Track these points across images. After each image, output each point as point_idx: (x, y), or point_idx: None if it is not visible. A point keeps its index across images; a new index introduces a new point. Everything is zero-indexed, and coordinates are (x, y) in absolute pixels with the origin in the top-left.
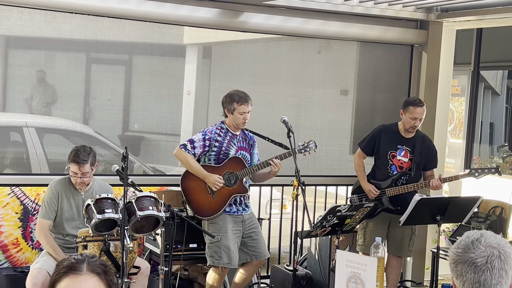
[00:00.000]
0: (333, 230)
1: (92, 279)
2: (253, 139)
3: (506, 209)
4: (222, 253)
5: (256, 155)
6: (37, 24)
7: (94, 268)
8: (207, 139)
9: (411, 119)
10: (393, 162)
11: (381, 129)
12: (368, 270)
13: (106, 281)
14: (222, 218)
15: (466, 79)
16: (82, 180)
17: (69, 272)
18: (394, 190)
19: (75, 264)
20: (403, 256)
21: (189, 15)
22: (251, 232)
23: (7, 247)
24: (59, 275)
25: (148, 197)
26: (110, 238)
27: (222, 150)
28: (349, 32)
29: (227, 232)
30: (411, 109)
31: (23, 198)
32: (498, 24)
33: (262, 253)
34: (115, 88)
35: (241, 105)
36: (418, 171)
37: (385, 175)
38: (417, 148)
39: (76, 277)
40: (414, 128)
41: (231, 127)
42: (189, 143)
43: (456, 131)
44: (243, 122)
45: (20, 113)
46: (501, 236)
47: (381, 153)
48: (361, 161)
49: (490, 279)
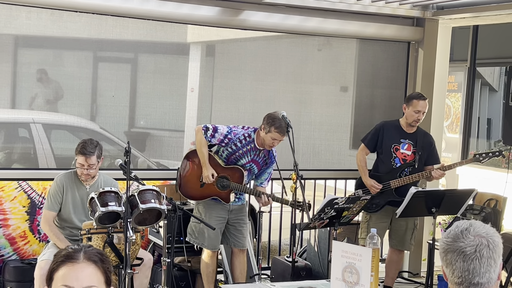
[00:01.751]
0: (331, 222)
1: (89, 267)
2: (272, 159)
3: (501, 202)
4: (200, 234)
5: (267, 173)
6: (45, 23)
7: (90, 257)
8: (228, 138)
9: (415, 112)
10: (397, 155)
11: (383, 124)
12: (363, 260)
13: (103, 268)
14: (209, 203)
15: (462, 76)
16: (88, 172)
17: (67, 260)
18: (399, 181)
19: (72, 253)
20: (405, 250)
21: (191, 13)
22: (236, 223)
23: (15, 240)
24: (56, 264)
25: (151, 191)
26: (114, 230)
27: (235, 154)
28: (347, 30)
29: (210, 217)
30: (414, 102)
31: (30, 192)
32: (493, 21)
33: (241, 243)
34: (121, 85)
35: (277, 134)
36: (420, 165)
37: (388, 168)
38: (419, 143)
39: (73, 265)
40: (417, 122)
41: (258, 141)
42: (211, 130)
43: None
44: (270, 146)
45: (29, 110)
46: (489, 225)
47: (384, 147)
48: (364, 156)
49: (479, 267)
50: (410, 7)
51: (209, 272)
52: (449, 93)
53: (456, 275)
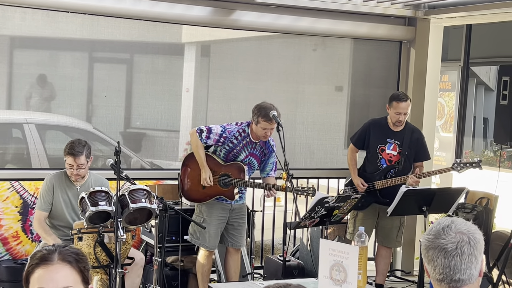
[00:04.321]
0: (322, 221)
1: (64, 268)
2: (270, 149)
3: (492, 200)
4: (201, 234)
5: (271, 164)
6: (39, 24)
7: (65, 257)
8: (223, 137)
9: (396, 114)
10: (382, 156)
11: (370, 123)
12: (350, 258)
13: (79, 268)
14: (210, 203)
15: (456, 75)
16: (78, 172)
17: (41, 263)
18: (383, 182)
19: (46, 255)
20: (391, 247)
21: (183, 14)
22: (235, 222)
23: (7, 240)
24: (31, 266)
25: (141, 190)
26: (104, 230)
27: (234, 151)
28: (339, 29)
29: (211, 217)
30: (394, 104)
31: (23, 192)
32: (484, 20)
33: (238, 243)
34: (116, 86)
35: (265, 122)
36: (406, 164)
37: (375, 169)
38: (405, 141)
39: (47, 267)
40: (400, 123)
41: (253, 134)
42: (206, 131)
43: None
44: (264, 137)
45: (25, 110)
46: (471, 223)
47: (371, 147)
48: (354, 155)
49: (460, 264)
50: (401, 6)
51: (204, 271)
52: (443, 92)
53: (438, 271)
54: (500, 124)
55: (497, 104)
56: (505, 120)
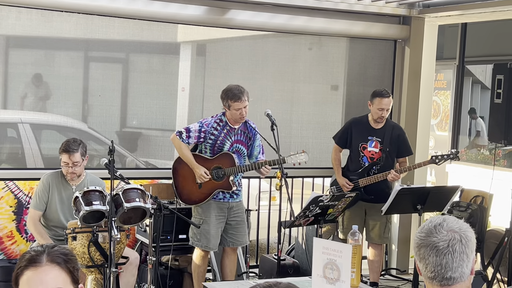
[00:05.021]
0: (316, 219)
1: (52, 270)
2: (253, 132)
3: (487, 198)
4: (202, 236)
5: (257, 147)
6: (35, 24)
7: (53, 258)
8: (202, 131)
9: (378, 110)
10: (364, 154)
11: (352, 122)
12: (343, 257)
13: (68, 269)
14: (207, 203)
15: (451, 73)
16: (73, 170)
17: (30, 265)
18: (366, 180)
19: (35, 256)
20: (379, 243)
21: (177, 13)
22: (233, 220)
23: (2, 240)
24: (20, 269)
25: (135, 189)
26: (98, 229)
27: (217, 143)
28: (334, 28)
29: (209, 217)
30: (377, 100)
31: (17, 192)
32: (478, 19)
33: (239, 241)
34: (112, 85)
35: (235, 102)
36: (389, 160)
37: (357, 167)
38: (386, 138)
39: (36, 269)
40: (382, 119)
41: (230, 121)
42: (185, 131)
43: (442, 124)
44: (241, 117)
45: (20, 110)
46: (463, 221)
47: (353, 146)
48: (337, 154)
49: (451, 262)
50: (396, 5)
51: (200, 271)
52: (438, 91)
53: (429, 269)
54: (495, 122)
55: (492, 102)
56: (500, 119)
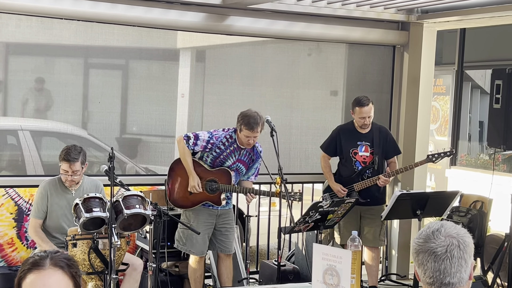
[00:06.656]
0: (316, 225)
1: (55, 273)
2: (257, 156)
3: (486, 203)
4: (187, 240)
5: (254, 169)
6: (34, 31)
7: (57, 262)
8: (210, 143)
9: (360, 119)
10: (356, 159)
11: (339, 130)
12: (343, 263)
13: (70, 273)
14: (196, 209)
15: (450, 78)
16: (72, 178)
17: (33, 268)
18: (361, 184)
19: (38, 260)
20: (375, 246)
21: (177, 20)
22: (223, 227)
23: (3, 247)
24: (23, 272)
25: (135, 196)
26: (99, 236)
27: (220, 157)
28: (333, 34)
29: (198, 223)
30: (357, 110)
31: (18, 199)
32: (477, 24)
33: (227, 248)
34: (111, 92)
35: (247, 130)
36: (382, 162)
37: (351, 172)
38: (375, 141)
39: (39, 272)
40: (366, 126)
41: (239, 140)
42: (193, 138)
43: (441, 129)
44: (248, 145)
45: (20, 117)
46: (460, 226)
47: (344, 153)
48: (327, 162)
49: (449, 267)
50: (394, 11)
51: (196, 277)
52: (438, 96)
53: (428, 275)
54: (494, 127)
55: (490, 107)
56: (499, 124)
